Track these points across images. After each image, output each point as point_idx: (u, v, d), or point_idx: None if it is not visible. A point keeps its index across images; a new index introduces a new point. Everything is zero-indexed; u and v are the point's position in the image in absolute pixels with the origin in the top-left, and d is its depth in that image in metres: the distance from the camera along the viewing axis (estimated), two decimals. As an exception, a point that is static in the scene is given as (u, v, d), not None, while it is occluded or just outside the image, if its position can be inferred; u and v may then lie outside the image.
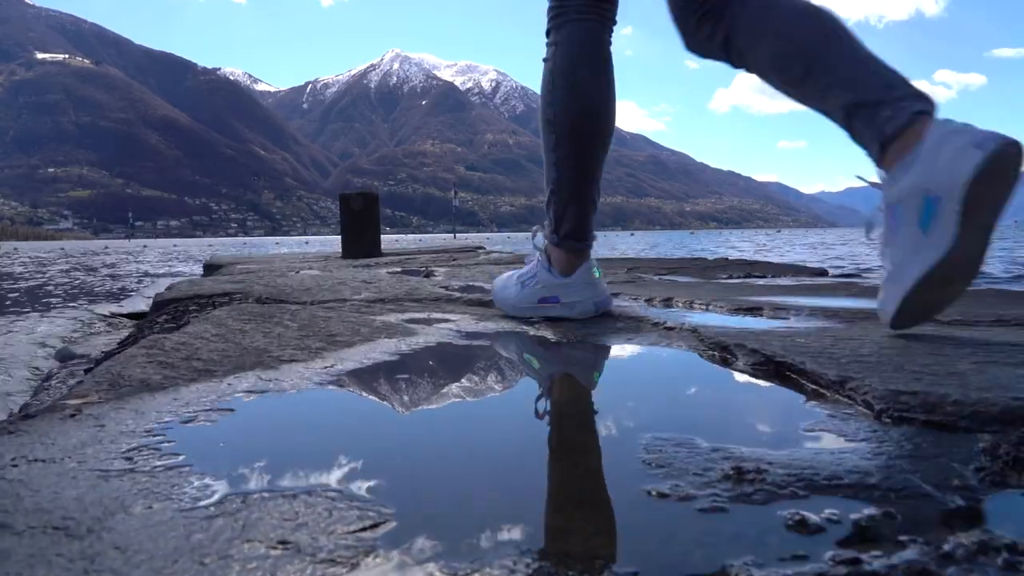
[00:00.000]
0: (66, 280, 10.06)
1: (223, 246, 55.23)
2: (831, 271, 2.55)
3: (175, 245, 65.74)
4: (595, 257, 1.46)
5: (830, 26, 1.15)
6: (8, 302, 6.46)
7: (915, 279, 1.00)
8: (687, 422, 0.75)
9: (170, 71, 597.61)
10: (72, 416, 0.76)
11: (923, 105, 1.03)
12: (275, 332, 1.31)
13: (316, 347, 1.17)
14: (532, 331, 1.37)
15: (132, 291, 7.14)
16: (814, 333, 1.14)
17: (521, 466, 0.64)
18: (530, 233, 1.56)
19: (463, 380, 1.00)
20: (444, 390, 0.93)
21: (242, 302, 1.94)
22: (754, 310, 1.46)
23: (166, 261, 17.83)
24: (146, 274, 11.50)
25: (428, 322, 1.50)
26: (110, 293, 7.18)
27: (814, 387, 0.85)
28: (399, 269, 3.59)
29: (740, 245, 24.03)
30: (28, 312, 5.34)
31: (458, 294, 2.04)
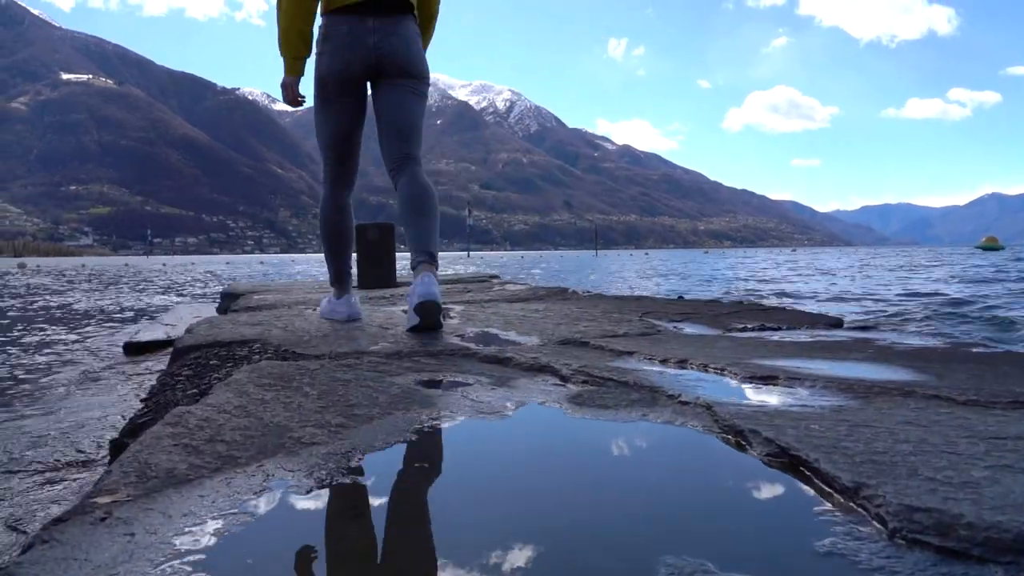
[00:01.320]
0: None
1: (240, 264, 55.88)
2: (847, 317, 2.54)
3: (192, 263, 66.46)
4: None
5: (423, 207, 2.49)
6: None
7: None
8: (699, 538, 0.76)
9: (190, 91, 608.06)
10: (103, 520, 0.78)
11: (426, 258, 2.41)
12: (295, 402, 1.33)
13: (335, 424, 1.19)
14: (540, 399, 1.38)
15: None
16: (828, 416, 1.14)
17: (538, 591, 0.65)
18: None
19: (471, 476, 1.01)
20: (454, 495, 0.94)
21: (261, 355, 1.97)
22: (769, 379, 1.46)
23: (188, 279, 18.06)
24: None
25: (445, 386, 1.52)
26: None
27: (829, 489, 0.86)
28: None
29: (757, 267, 23.92)
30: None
31: (473, 347, 2.06)
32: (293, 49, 2.50)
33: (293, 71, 2.55)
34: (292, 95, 2.59)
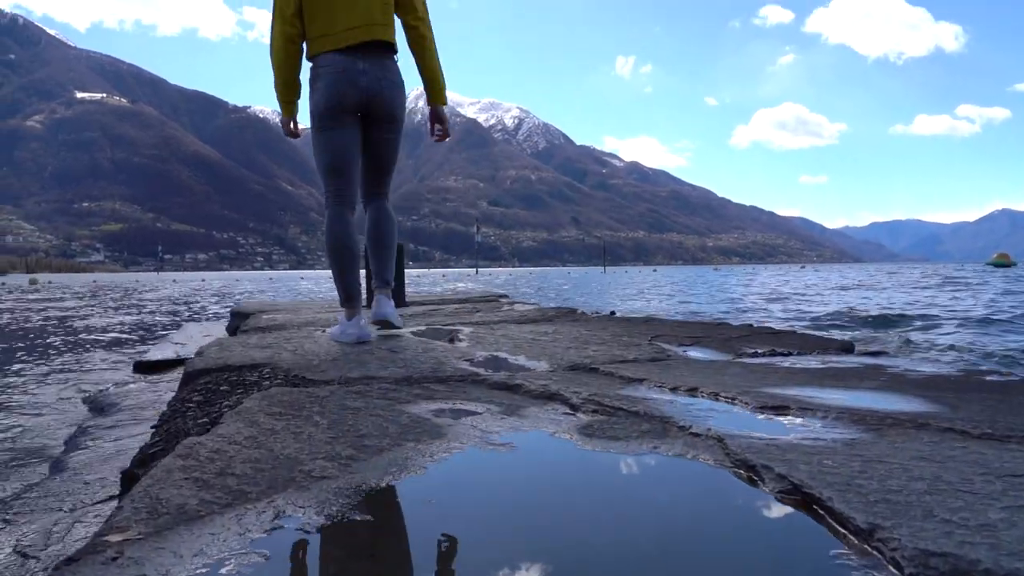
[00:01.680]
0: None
1: (249, 280, 56.13)
2: (858, 341, 2.53)
3: (203, 279, 66.87)
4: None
5: (385, 240, 2.93)
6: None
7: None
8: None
9: (202, 109, 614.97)
10: (114, 559, 0.78)
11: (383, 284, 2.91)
12: (305, 432, 1.33)
13: (345, 456, 1.19)
14: (550, 429, 1.38)
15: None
16: (841, 451, 1.13)
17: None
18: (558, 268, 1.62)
19: (483, 515, 1.01)
20: (466, 534, 0.94)
21: (271, 380, 1.97)
22: (780, 409, 1.45)
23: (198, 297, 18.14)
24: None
25: (455, 415, 1.52)
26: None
27: (843, 530, 0.85)
28: (424, 327, 3.62)
29: (766, 284, 23.78)
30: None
31: (483, 372, 2.06)
32: (284, 96, 2.83)
33: (287, 112, 2.91)
34: (290, 131, 3.00)
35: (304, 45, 2.75)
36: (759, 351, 2.31)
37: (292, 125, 2.94)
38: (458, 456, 1.21)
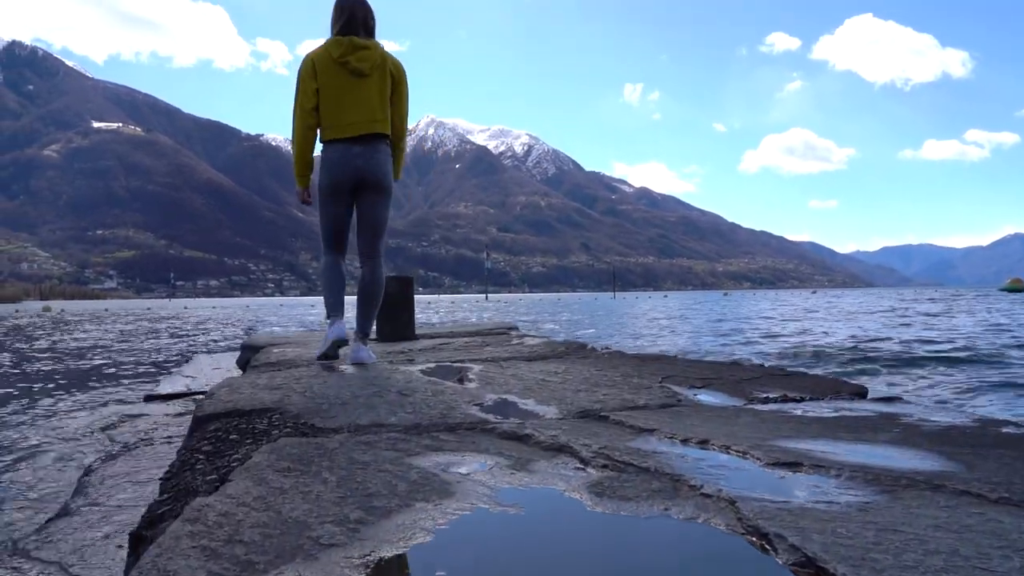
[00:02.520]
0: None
1: (260, 307, 56.43)
2: (871, 383, 2.50)
3: (213, 306, 67.31)
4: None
5: (372, 299, 3.50)
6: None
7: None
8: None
9: (215, 137, 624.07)
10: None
11: (362, 335, 3.49)
12: (314, 492, 1.33)
13: (354, 519, 1.18)
14: (560, 486, 1.37)
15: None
16: (855, 517, 1.12)
17: None
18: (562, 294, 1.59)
19: (500, 576, 1.00)
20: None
21: (280, 428, 1.97)
22: (793, 465, 1.44)
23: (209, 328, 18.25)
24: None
25: (463, 470, 1.51)
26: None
27: (858, 611, 0.83)
28: (433, 365, 3.61)
29: (778, 312, 23.69)
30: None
31: (492, 419, 2.05)
32: (300, 171, 3.50)
33: (302, 184, 3.52)
34: (304, 199, 3.58)
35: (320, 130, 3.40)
36: (771, 395, 2.29)
37: (306, 195, 3.53)
38: (467, 518, 1.20)
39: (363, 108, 3.27)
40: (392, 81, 3.40)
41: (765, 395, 2.31)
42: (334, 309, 3.56)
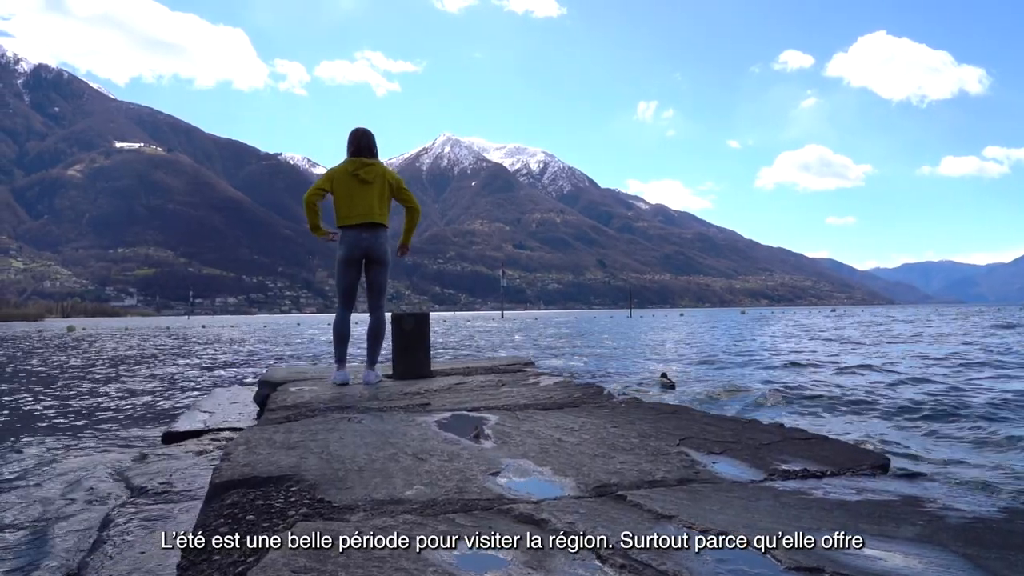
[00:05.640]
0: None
1: (277, 326, 56.86)
2: (891, 453, 2.46)
3: (232, 324, 67.87)
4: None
5: (377, 336, 5.13)
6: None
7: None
8: None
9: (235, 156, 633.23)
10: None
11: (371, 365, 5.16)
12: (330, 602, 1.32)
13: (370, 641, 1.17)
14: (584, 595, 1.35)
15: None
16: (881, 652, 1.09)
17: None
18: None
19: None
20: None
21: (296, 509, 1.98)
22: (815, 571, 1.41)
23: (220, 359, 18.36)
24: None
25: (479, 567, 1.50)
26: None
27: None
28: (448, 415, 3.61)
29: (795, 335, 23.25)
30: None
31: (508, 496, 2.04)
32: (314, 230, 5.02)
33: (318, 234, 4.96)
34: (328, 238, 4.98)
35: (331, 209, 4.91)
36: (792, 469, 2.25)
37: (328, 234, 4.92)
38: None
39: (366, 205, 4.78)
40: (391, 187, 4.88)
41: (785, 467, 2.28)
42: (340, 360, 5.15)
